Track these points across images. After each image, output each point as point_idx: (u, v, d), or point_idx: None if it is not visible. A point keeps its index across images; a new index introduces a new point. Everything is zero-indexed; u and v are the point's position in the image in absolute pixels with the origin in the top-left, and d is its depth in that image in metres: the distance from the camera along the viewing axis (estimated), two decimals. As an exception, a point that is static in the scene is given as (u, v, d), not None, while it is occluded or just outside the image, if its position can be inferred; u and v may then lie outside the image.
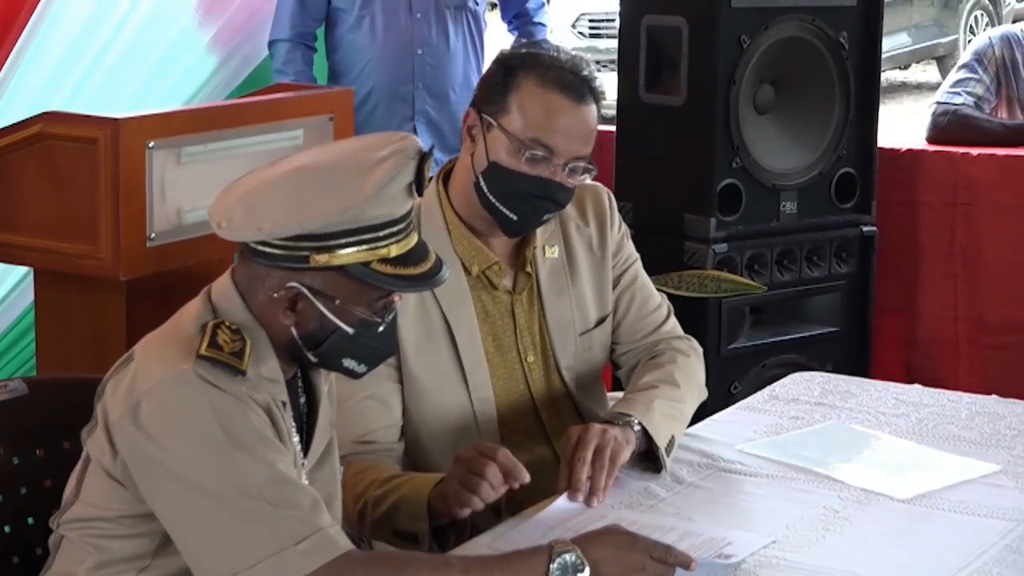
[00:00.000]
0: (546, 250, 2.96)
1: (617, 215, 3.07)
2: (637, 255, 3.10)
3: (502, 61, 2.86)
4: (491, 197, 2.82)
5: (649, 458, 2.81)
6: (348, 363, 2.33)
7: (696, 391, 3.02)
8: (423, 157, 2.26)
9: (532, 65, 2.81)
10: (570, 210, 2.95)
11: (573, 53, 2.88)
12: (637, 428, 2.77)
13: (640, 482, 2.75)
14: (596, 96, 2.84)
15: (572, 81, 2.80)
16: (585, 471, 2.63)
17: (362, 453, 2.78)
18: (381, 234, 2.23)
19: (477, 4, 5.11)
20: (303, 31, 5.06)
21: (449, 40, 5.06)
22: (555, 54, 2.84)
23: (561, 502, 2.62)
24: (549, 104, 2.79)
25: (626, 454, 2.72)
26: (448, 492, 2.55)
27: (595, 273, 3.02)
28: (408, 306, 2.80)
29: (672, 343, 3.07)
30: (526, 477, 2.53)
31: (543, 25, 5.40)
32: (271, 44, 5.09)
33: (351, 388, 2.71)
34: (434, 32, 5.04)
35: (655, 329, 3.08)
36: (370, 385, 2.76)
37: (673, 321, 3.12)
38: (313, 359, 2.32)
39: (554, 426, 2.91)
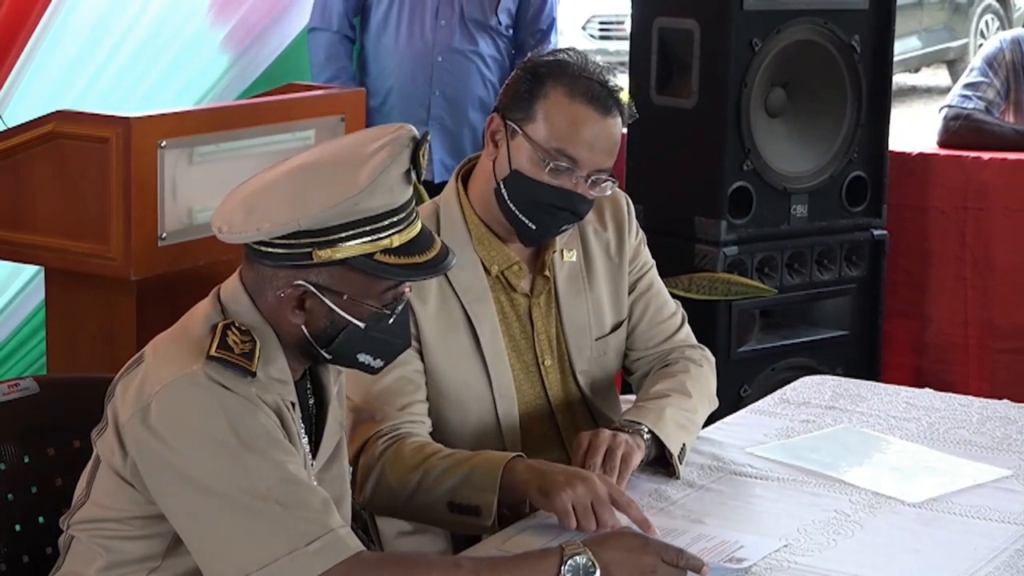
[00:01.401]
0: (564, 254, 2.95)
1: (635, 221, 3.06)
2: (653, 262, 3.09)
3: (529, 68, 2.83)
4: (511, 205, 2.81)
5: (660, 465, 2.80)
6: (363, 358, 2.33)
7: (707, 401, 3.01)
8: (417, 144, 2.25)
9: (560, 74, 2.78)
10: (589, 214, 2.92)
11: (600, 63, 2.84)
12: (647, 436, 2.76)
13: (651, 484, 2.74)
14: (621, 108, 2.81)
15: (599, 93, 2.77)
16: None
17: (408, 424, 2.74)
18: (381, 224, 2.22)
19: (500, 23, 5.05)
20: (346, 22, 5.01)
21: (472, 51, 5.01)
22: (583, 63, 2.81)
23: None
24: (576, 115, 2.76)
25: (637, 459, 2.70)
26: (576, 488, 2.48)
27: (612, 278, 3.01)
28: (429, 299, 2.79)
29: (685, 352, 3.06)
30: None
31: None
32: (311, 31, 5.03)
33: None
34: (456, 41, 4.99)
35: (669, 337, 3.07)
36: (397, 368, 2.70)
37: (687, 329, 3.10)
38: (327, 356, 2.32)
39: (569, 431, 2.89)
